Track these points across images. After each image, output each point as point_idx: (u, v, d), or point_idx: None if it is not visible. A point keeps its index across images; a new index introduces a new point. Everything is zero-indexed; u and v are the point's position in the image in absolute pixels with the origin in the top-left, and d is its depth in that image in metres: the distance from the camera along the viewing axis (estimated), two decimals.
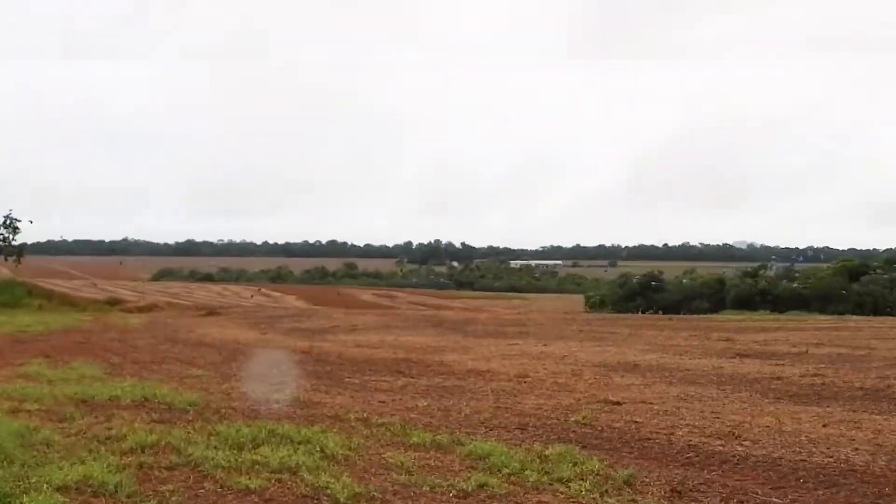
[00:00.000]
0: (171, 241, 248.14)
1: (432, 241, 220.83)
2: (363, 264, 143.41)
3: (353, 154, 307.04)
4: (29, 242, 49.79)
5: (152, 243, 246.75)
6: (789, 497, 4.78)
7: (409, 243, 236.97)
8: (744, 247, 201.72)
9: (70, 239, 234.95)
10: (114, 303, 33.66)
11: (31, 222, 47.45)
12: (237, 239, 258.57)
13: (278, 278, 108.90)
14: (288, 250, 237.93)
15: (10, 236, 42.31)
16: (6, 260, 43.25)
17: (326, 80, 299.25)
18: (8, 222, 42.10)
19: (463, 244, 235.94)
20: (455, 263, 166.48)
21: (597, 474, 5.18)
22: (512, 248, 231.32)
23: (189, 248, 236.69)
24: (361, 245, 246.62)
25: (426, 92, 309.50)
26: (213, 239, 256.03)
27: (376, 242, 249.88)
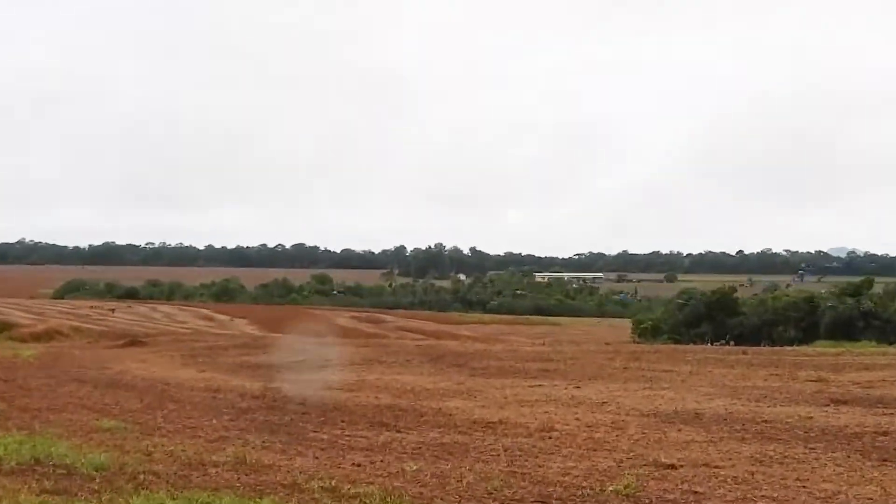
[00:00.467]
0: (82, 245, 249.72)
1: (432, 247, 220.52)
2: (339, 276, 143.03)
3: (328, 131, 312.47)
4: None
5: (58, 247, 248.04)
6: None
7: (402, 249, 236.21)
8: (842, 255, 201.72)
9: None
10: (1, 328, 33.65)
11: None
12: (171, 242, 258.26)
13: (225, 295, 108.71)
14: (239, 257, 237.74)
15: None
16: None
17: (294, 34, 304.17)
18: None
19: (473, 250, 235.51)
20: (462, 276, 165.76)
21: None
22: (537, 255, 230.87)
23: (106, 254, 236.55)
24: (338, 251, 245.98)
25: (431, 54, 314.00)
26: (140, 241, 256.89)
27: (358, 247, 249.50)
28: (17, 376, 16.70)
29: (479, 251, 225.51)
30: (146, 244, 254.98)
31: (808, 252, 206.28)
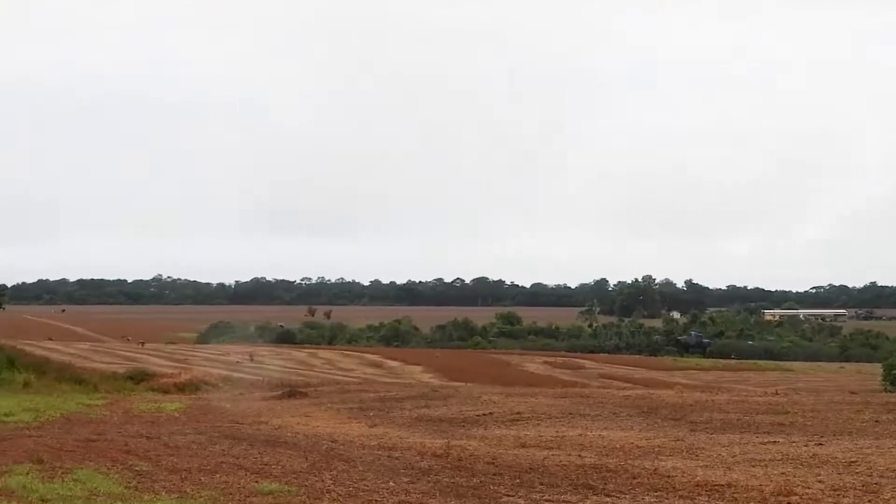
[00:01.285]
0: (227, 281, 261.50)
1: (639, 280, 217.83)
2: (529, 315, 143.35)
3: (510, 146, 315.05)
4: (9, 284, 53.47)
5: (199, 284, 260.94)
6: None
7: (603, 282, 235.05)
8: None
9: (71, 278, 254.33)
10: (140, 377, 35.41)
11: None
12: (330, 276, 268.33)
13: (395, 338, 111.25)
14: (411, 294, 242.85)
15: None
16: None
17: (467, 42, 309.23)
18: None
19: (689, 284, 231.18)
20: (675, 314, 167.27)
21: None
22: (766, 289, 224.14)
23: (255, 291, 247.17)
24: (527, 286, 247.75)
25: (627, 50, 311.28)
26: (294, 277, 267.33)
27: (550, 282, 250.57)
28: (161, 433, 17.58)
29: (696, 285, 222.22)
30: (301, 280, 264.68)
31: None
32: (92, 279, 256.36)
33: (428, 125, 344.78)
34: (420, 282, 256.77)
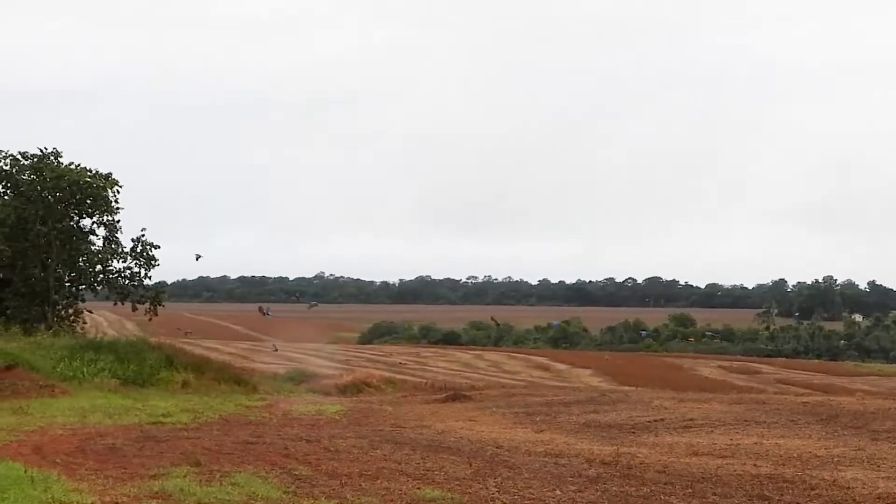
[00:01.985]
0: (391, 280, 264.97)
1: (819, 281, 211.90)
2: (703, 317, 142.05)
3: (683, 144, 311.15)
4: (169, 280, 54.29)
5: (362, 282, 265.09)
6: None
7: (782, 283, 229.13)
8: None
9: (233, 275, 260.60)
10: (300, 379, 35.85)
11: (197, 257, 51.90)
12: (497, 275, 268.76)
13: (563, 340, 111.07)
14: (580, 294, 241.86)
15: (144, 272, 46.69)
16: (134, 309, 47.60)
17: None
18: (140, 249, 46.43)
19: (872, 285, 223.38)
20: (858, 317, 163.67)
21: None
22: None
23: (418, 290, 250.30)
24: (701, 286, 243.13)
25: (797, 46, 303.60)
26: (459, 276, 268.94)
27: (726, 282, 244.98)
28: (322, 436, 17.52)
29: (880, 286, 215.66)
30: (467, 279, 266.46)
31: None
32: (253, 276, 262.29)
33: (594, 120, 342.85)
34: (590, 281, 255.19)
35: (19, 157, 43.21)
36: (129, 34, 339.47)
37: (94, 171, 43.56)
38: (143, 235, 45.30)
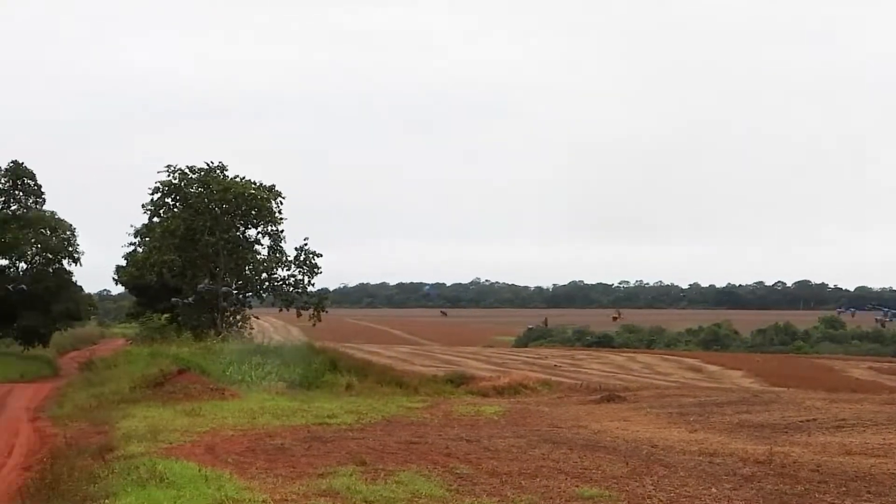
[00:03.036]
0: (545, 285, 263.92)
1: None
2: (854, 319, 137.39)
3: (838, 131, 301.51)
4: (331, 287, 55.91)
5: (517, 287, 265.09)
6: None
7: None
8: None
9: (392, 281, 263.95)
10: (459, 381, 36.35)
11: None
12: (648, 279, 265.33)
13: (715, 342, 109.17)
14: (730, 297, 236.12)
15: (307, 279, 48.04)
16: (299, 315, 49.09)
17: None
18: (303, 257, 47.81)
19: None
20: None
21: None
22: None
23: (573, 294, 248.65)
24: (850, 289, 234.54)
25: None
26: (612, 280, 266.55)
27: (875, 284, 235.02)
28: (481, 436, 17.99)
29: None
30: (620, 283, 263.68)
31: None
32: (411, 282, 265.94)
33: (740, 125, 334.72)
34: (740, 285, 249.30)
35: (187, 170, 45.14)
36: (283, 49, 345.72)
37: (258, 184, 45.19)
38: (305, 244, 46.81)
